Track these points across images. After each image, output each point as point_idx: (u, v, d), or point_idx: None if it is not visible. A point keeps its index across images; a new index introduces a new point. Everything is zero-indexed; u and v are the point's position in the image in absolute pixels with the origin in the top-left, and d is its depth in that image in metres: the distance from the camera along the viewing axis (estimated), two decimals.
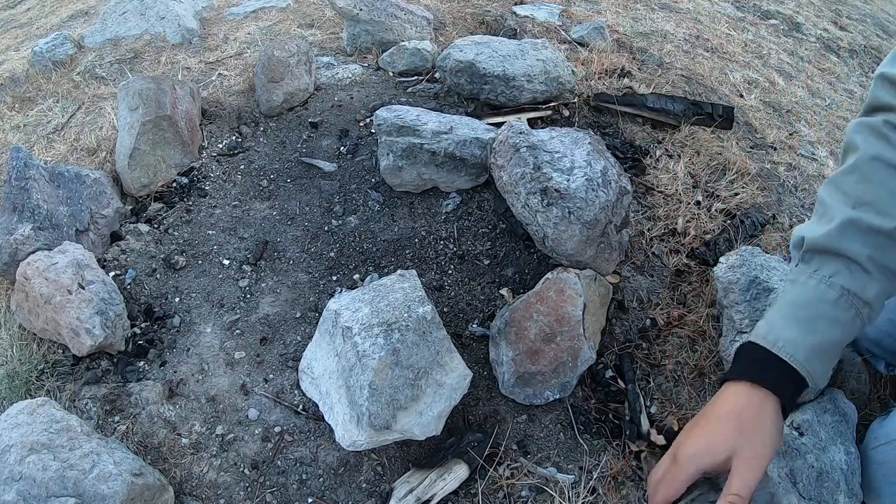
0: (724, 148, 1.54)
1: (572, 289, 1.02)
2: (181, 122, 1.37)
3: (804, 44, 2.64)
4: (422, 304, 0.93)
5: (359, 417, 0.85)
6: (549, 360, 0.98)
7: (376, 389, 0.84)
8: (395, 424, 0.85)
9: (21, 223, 1.14)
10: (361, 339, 0.87)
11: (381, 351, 0.86)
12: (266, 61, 1.50)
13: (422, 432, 0.88)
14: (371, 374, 0.84)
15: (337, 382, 0.91)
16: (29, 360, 1.06)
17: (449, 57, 1.54)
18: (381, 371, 0.85)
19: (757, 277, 1.04)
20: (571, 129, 1.22)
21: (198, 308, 1.14)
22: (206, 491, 0.91)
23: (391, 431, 0.86)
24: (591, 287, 1.07)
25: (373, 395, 0.84)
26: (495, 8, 2.16)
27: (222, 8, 2.30)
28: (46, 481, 0.78)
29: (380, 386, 0.84)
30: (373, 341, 0.87)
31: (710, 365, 1.07)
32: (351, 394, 0.87)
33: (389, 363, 0.85)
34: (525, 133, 1.17)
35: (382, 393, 0.84)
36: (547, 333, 0.99)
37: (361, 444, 0.87)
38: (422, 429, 0.88)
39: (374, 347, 0.86)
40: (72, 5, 2.67)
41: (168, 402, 1.00)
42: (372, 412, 0.84)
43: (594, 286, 1.08)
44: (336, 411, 0.91)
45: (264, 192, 1.36)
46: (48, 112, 1.73)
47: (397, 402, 0.85)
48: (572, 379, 1.00)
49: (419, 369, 0.87)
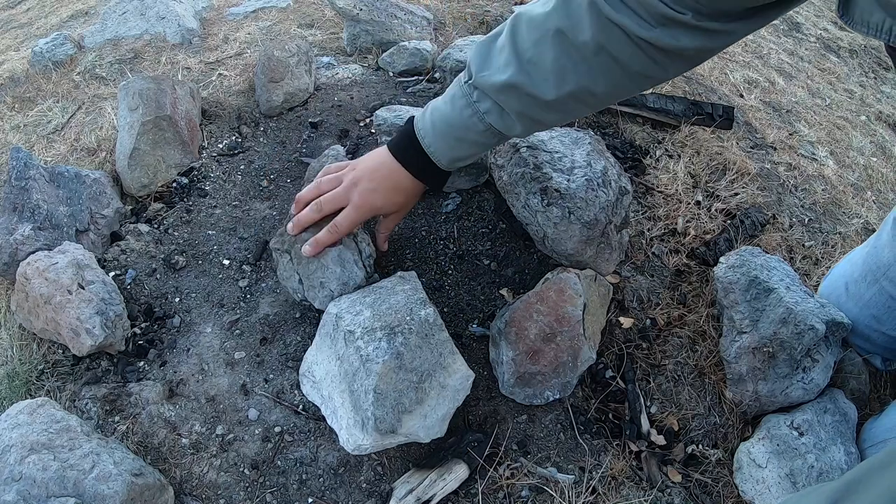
0: (724, 148, 1.54)
1: (572, 289, 1.01)
2: (181, 122, 1.37)
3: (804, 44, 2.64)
4: (423, 307, 0.93)
5: (364, 422, 0.85)
6: (549, 360, 0.98)
7: (381, 394, 0.84)
8: (401, 428, 0.85)
9: (21, 223, 1.14)
10: (364, 342, 0.87)
11: (384, 355, 0.85)
12: (266, 61, 1.50)
13: (426, 435, 0.87)
14: (375, 378, 0.84)
15: (340, 387, 0.90)
16: (29, 360, 1.06)
17: (449, 57, 1.54)
18: (385, 375, 0.84)
19: (757, 277, 1.04)
20: (571, 128, 1.22)
21: (198, 308, 1.14)
22: (206, 491, 0.91)
23: (396, 435, 0.86)
24: (591, 287, 1.07)
25: (378, 399, 0.83)
26: (495, 8, 2.16)
27: (222, 8, 2.30)
28: (46, 481, 0.78)
29: (384, 390, 0.84)
30: (376, 345, 0.86)
31: (710, 365, 1.07)
32: (355, 398, 0.87)
33: (393, 367, 0.85)
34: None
35: (387, 397, 0.84)
36: (547, 333, 0.99)
37: (366, 449, 0.86)
38: (426, 431, 0.87)
39: (377, 351, 0.86)
40: (72, 5, 2.67)
41: (168, 402, 1.00)
42: (378, 417, 0.83)
43: (594, 286, 1.08)
44: (339, 415, 0.90)
45: (264, 192, 1.36)
46: (48, 112, 1.73)
47: (402, 405, 0.84)
48: (572, 379, 0.99)
49: (423, 372, 0.87)
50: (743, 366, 0.99)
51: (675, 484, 0.95)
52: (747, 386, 0.99)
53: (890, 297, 1.01)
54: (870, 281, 1.04)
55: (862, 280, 1.06)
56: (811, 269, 1.32)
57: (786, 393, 0.97)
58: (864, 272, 1.06)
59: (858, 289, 1.07)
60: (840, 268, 1.15)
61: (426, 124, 0.90)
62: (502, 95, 0.80)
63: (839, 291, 1.11)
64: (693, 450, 0.99)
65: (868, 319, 1.05)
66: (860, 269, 1.07)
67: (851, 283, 1.09)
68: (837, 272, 1.15)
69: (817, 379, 0.98)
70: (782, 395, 0.98)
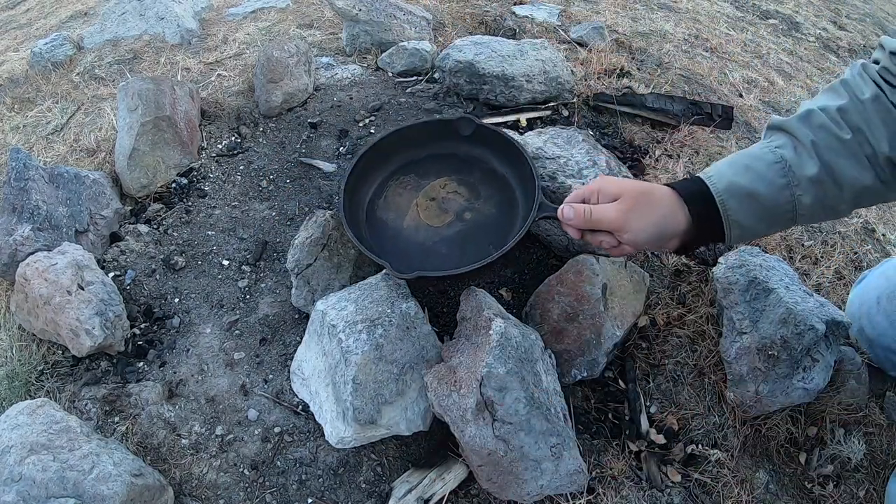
0: (723, 148, 1.54)
1: (589, 269, 1.03)
2: (180, 122, 1.37)
3: (803, 43, 2.64)
4: (405, 300, 0.94)
5: (344, 413, 0.86)
6: (573, 339, 1.00)
7: (360, 384, 0.85)
8: (381, 419, 0.86)
9: (20, 224, 1.14)
10: (346, 335, 0.88)
11: (364, 346, 0.86)
12: (265, 62, 1.50)
13: (408, 427, 0.89)
14: (354, 369, 0.85)
15: (325, 381, 0.92)
16: (28, 360, 1.06)
17: (448, 57, 1.54)
18: (364, 366, 0.85)
19: (756, 278, 1.04)
20: (557, 127, 1.22)
21: (197, 308, 1.14)
22: (206, 491, 0.91)
23: (377, 426, 0.87)
24: (619, 273, 1.09)
25: (356, 389, 0.85)
26: (494, 8, 2.16)
27: (221, 8, 2.30)
28: (46, 482, 0.78)
29: (363, 381, 0.85)
30: (356, 337, 0.87)
31: (710, 365, 1.07)
32: (337, 390, 0.88)
33: (373, 358, 0.86)
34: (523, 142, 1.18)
35: (366, 388, 0.85)
36: (569, 313, 1.01)
37: (349, 441, 0.87)
38: (408, 424, 0.89)
39: (357, 343, 0.87)
40: (71, 6, 2.67)
41: (168, 402, 1.00)
42: (356, 407, 0.84)
43: (624, 272, 1.10)
44: (325, 409, 0.91)
45: (264, 192, 1.36)
46: (47, 113, 1.73)
47: (381, 396, 0.86)
48: (598, 356, 1.00)
49: (403, 364, 0.88)
50: (743, 366, 0.99)
51: (675, 484, 0.95)
52: (748, 386, 0.99)
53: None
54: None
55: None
56: (810, 268, 1.32)
57: (786, 393, 0.97)
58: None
59: (892, 304, 1.09)
60: (873, 280, 1.18)
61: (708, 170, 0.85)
62: (797, 124, 0.79)
63: (870, 303, 1.14)
64: (693, 450, 0.99)
65: (890, 329, 1.08)
66: (894, 285, 1.10)
67: (884, 299, 1.11)
68: (870, 285, 1.18)
69: (817, 379, 0.98)
70: (783, 395, 0.97)
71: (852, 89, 0.77)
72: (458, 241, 1.04)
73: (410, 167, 1.14)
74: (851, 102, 0.76)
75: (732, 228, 0.78)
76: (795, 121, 0.78)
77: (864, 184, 0.75)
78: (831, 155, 0.75)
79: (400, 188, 1.13)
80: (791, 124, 0.78)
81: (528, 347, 0.88)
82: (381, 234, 1.06)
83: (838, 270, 1.33)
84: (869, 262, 1.37)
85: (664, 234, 0.78)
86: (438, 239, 1.05)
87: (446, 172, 1.14)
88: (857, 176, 0.74)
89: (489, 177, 1.12)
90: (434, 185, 1.12)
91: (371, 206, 1.10)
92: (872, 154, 0.74)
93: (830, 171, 0.75)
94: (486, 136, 1.11)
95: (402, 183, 1.13)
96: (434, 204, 1.09)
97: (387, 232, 1.06)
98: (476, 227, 1.05)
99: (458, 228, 1.06)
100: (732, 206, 0.77)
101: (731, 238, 0.79)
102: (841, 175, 0.75)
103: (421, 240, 1.05)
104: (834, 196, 0.76)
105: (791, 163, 0.75)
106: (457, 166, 1.14)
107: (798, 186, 0.75)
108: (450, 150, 1.15)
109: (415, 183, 1.13)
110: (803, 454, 1.02)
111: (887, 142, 0.73)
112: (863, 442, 1.03)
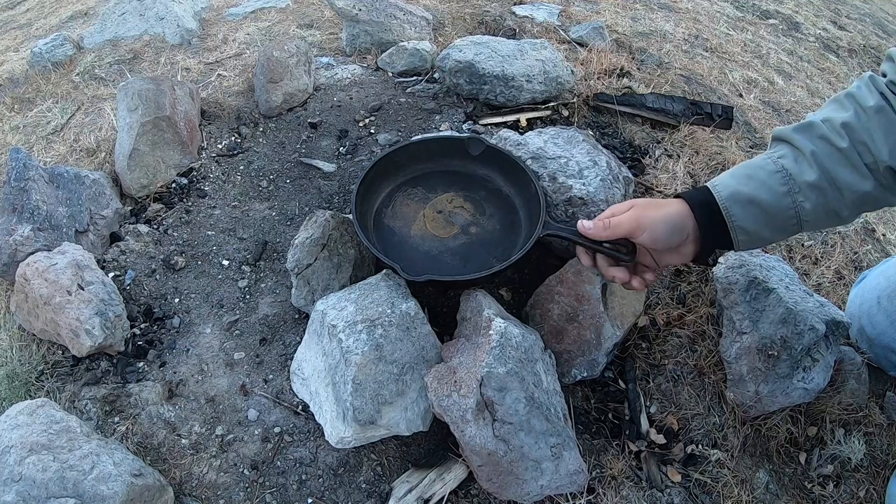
0: (723, 148, 1.54)
1: (589, 269, 1.03)
2: (180, 122, 1.37)
3: (803, 43, 2.64)
4: (405, 300, 0.94)
5: (344, 413, 0.86)
6: (573, 339, 1.00)
7: (360, 384, 0.85)
8: (381, 419, 0.86)
9: (20, 224, 1.14)
10: (346, 335, 0.88)
11: (364, 346, 0.86)
12: (265, 62, 1.50)
13: (408, 427, 0.89)
14: (354, 369, 0.85)
15: (325, 381, 0.92)
16: (28, 360, 1.06)
17: (448, 57, 1.54)
18: (364, 366, 0.85)
19: (756, 278, 1.04)
20: (558, 127, 1.22)
21: (197, 309, 1.14)
22: (206, 491, 0.91)
23: (377, 427, 0.86)
24: None
25: (356, 389, 0.85)
26: (494, 8, 2.16)
27: (221, 8, 2.30)
28: (46, 482, 0.78)
29: (363, 381, 0.85)
30: (356, 337, 0.87)
31: (710, 365, 1.07)
32: (337, 390, 0.88)
33: (373, 358, 0.86)
34: (521, 143, 1.18)
35: (366, 388, 0.85)
36: (569, 313, 1.01)
37: (349, 441, 0.87)
38: (408, 424, 0.88)
39: (357, 343, 0.87)
40: (71, 6, 2.67)
41: (168, 402, 1.00)
42: (356, 407, 0.84)
43: None
44: (325, 409, 0.91)
45: (264, 192, 1.36)
46: (47, 113, 1.73)
47: (381, 396, 0.86)
48: (598, 356, 1.00)
49: (404, 364, 0.88)
50: (743, 366, 0.99)
51: (675, 484, 0.95)
52: (748, 386, 0.99)
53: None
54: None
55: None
56: (810, 268, 1.32)
57: (786, 393, 0.97)
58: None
59: (892, 303, 1.10)
60: (873, 280, 1.18)
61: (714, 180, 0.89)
62: (797, 135, 0.82)
63: (870, 303, 1.14)
64: (693, 450, 0.99)
65: (890, 329, 1.09)
66: (895, 285, 1.11)
67: (884, 298, 1.12)
68: (870, 284, 1.18)
69: (817, 379, 0.98)
70: (783, 395, 0.97)
71: (857, 101, 0.78)
72: (462, 252, 1.06)
73: (419, 180, 1.17)
74: (856, 115, 0.77)
75: (738, 234, 0.81)
76: (797, 132, 0.81)
77: (864, 190, 0.76)
78: (830, 163, 0.77)
79: (408, 199, 1.15)
80: (792, 135, 0.81)
81: (528, 347, 0.88)
82: (388, 240, 1.08)
83: (838, 270, 1.33)
84: (869, 262, 1.37)
85: (677, 228, 0.81)
86: (444, 249, 1.07)
87: (453, 188, 1.16)
88: (856, 183, 0.76)
89: (494, 196, 1.15)
90: (441, 199, 1.14)
91: (379, 215, 1.12)
92: (873, 162, 0.76)
93: (830, 178, 0.77)
94: (494, 156, 1.14)
95: (409, 195, 1.15)
96: (441, 216, 1.11)
97: (393, 239, 1.08)
98: (480, 242, 1.08)
99: (462, 241, 1.08)
100: (736, 213, 0.80)
101: (738, 244, 0.82)
102: (840, 182, 0.77)
103: (427, 248, 1.07)
104: (835, 201, 0.78)
105: (791, 171, 0.78)
106: (464, 183, 1.17)
107: (799, 193, 0.78)
108: (458, 167, 1.18)
109: (422, 195, 1.15)
110: (803, 454, 1.02)
111: (888, 151, 0.74)
112: (863, 442, 1.03)
